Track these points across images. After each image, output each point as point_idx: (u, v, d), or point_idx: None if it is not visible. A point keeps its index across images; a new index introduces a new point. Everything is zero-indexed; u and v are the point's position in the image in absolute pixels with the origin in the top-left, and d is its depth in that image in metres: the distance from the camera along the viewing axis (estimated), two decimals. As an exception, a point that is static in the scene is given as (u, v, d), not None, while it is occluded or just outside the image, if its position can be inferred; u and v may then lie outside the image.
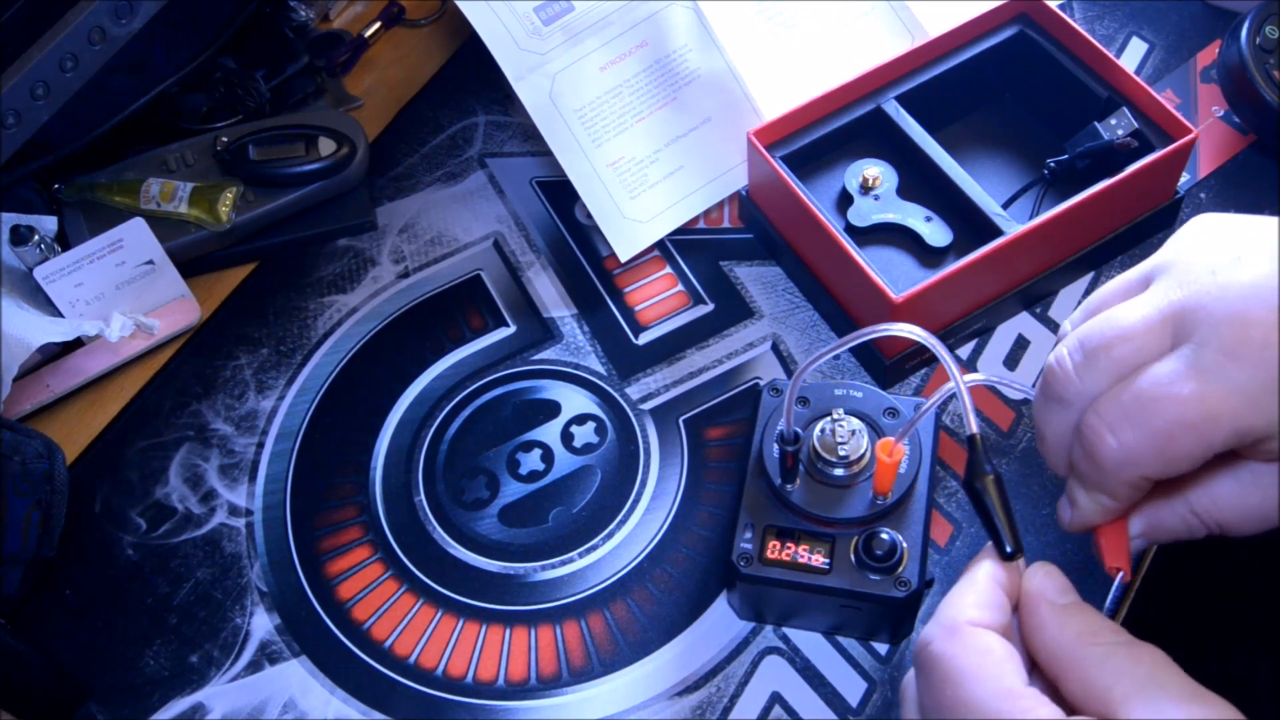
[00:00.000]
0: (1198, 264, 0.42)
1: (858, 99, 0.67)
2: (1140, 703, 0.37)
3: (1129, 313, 0.42)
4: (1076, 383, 0.43)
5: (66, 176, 0.70)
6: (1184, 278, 0.42)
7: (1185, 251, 0.43)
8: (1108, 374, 0.42)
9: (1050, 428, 0.45)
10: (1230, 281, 0.40)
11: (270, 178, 0.70)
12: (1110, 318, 0.43)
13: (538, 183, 0.73)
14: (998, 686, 0.39)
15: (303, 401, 0.66)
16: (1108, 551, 0.46)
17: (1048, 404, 0.44)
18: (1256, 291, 0.40)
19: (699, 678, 0.55)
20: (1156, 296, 0.42)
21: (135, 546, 0.61)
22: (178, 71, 0.71)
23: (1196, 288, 0.41)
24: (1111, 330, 0.42)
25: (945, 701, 0.39)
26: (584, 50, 0.69)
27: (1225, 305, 0.40)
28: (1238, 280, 0.40)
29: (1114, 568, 0.46)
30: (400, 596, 0.59)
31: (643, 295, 0.68)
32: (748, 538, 0.52)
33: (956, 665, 0.40)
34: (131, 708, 0.56)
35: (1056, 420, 0.44)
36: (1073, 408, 0.43)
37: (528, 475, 0.62)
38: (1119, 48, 0.74)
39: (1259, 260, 0.41)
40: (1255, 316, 0.39)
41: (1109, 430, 0.41)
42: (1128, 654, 0.39)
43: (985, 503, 0.44)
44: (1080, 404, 0.43)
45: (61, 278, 0.65)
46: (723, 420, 0.63)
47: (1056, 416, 0.44)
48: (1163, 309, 0.41)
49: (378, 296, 0.69)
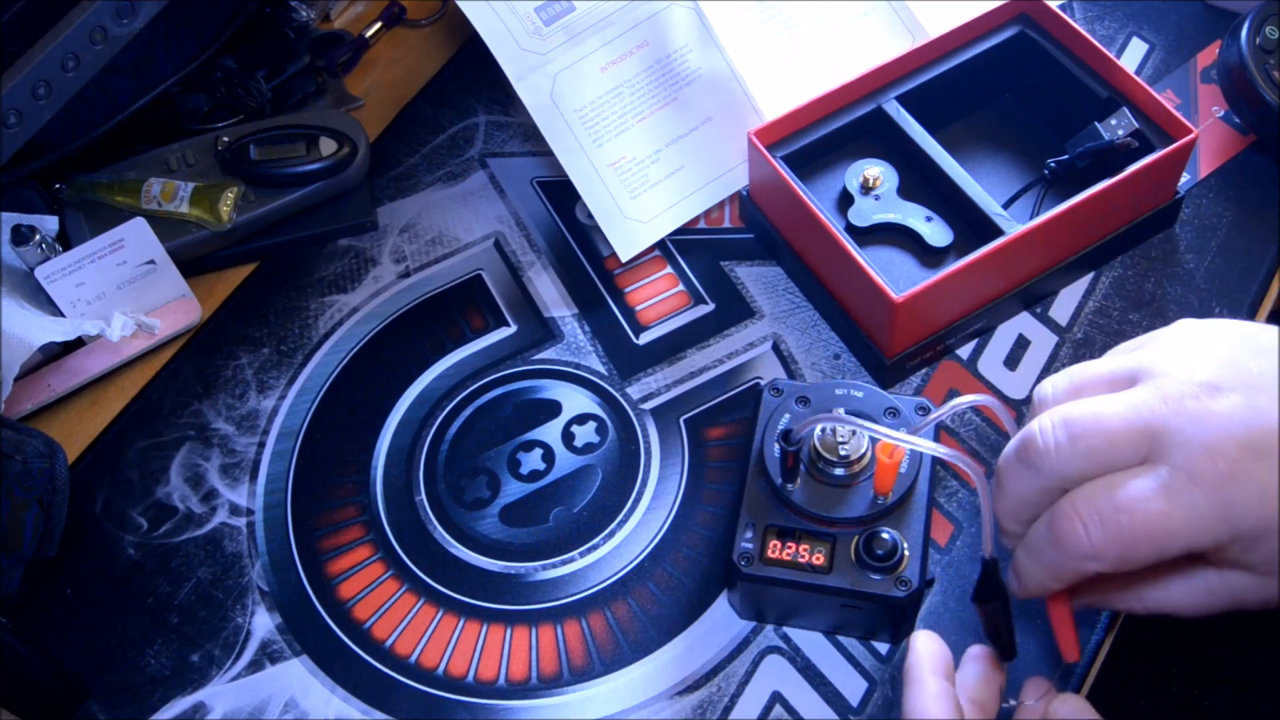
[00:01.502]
0: (1179, 382, 0.45)
1: (858, 99, 0.67)
2: None
3: (1113, 411, 0.45)
4: (1054, 460, 0.46)
5: (68, 176, 0.70)
6: (1166, 393, 0.45)
7: (1169, 363, 0.46)
8: (1084, 461, 0.45)
9: (1015, 486, 0.48)
10: (1206, 411, 0.44)
11: (271, 178, 0.70)
12: (1097, 412, 0.46)
13: (538, 183, 0.74)
14: None
15: (304, 401, 0.66)
16: (1062, 638, 0.51)
17: (1019, 466, 0.47)
18: (1229, 426, 0.43)
19: (700, 677, 0.55)
20: (1139, 405, 0.45)
21: (136, 546, 0.61)
22: (179, 71, 0.71)
23: (1176, 409, 0.44)
24: (1096, 424, 0.45)
25: None
26: (585, 50, 0.69)
27: (1200, 435, 0.43)
28: (1214, 411, 0.44)
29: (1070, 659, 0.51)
30: (401, 596, 0.59)
31: (643, 295, 0.68)
32: (749, 537, 0.52)
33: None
34: (132, 707, 0.56)
35: (1024, 483, 0.47)
36: (1042, 476, 0.47)
37: (529, 475, 0.62)
38: (1119, 48, 0.74)
39: (1233, 392, 0.44)
40: (1223, 450, 0.43)
41: (1082, 525, 0.45)
42: None
43: (994, 621, 0.50)
44: (1050, 477, 0.46)
45: (63, 277, 0.65)
46: (723, 420, 0.63)
47: (1025, 480, 0.47)
48: (1145, 419, 0.45)
49: (379, 296, 0.69)
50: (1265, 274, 0.65)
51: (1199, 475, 0.43)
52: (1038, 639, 0.54)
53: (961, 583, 0.56)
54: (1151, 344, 0.48)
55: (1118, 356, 0.49)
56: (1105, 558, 0.45)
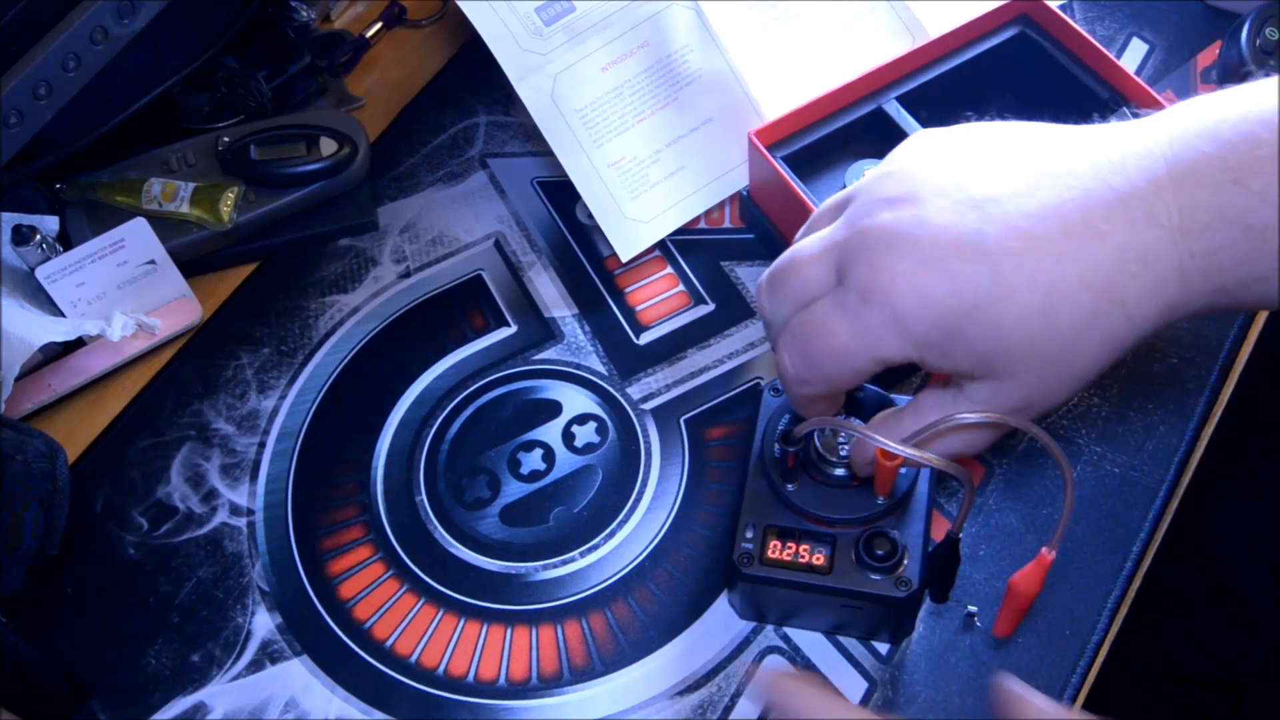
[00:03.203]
0: (863, 203, 0.46)
1: (859, 99, 0.67)
2: None
3: (806, 248, 0.47)
4: (765, 306, 0.49)
5: (68, 176, 0.70)
6: (852, 216, 0.46)
7: (865, 185, 0.47)
8: (788, 302, 0.47)
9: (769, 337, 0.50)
10: (875, 227, 0.44)
11: (272, 177, 0.70)
12: (793, 252, 0.48)
13: (539, 183, 0.74)
14: None
15: (304, 401, 0.66)
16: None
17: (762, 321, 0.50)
18: (890, 238, 0.44)
19: (700, 677, 0.55)
20: (828, 235, 0.47)
21: (137, 546, 0.61)
22: (180, 71, 0.71)
23: (853, 230, 0.45)
24: (789, 265, 0.47)
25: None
26: (585, 50, 0.70)
27: (866, 251, 0.44)
28: (881, 225, 0.44)
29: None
30: (401, 596, 0.59)
31: (644, 295, 0.68)
32: (749, 537, 0.52)
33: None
34: (133, 707, 0.56)
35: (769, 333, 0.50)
36: (766, 325, 0.49)
37: (529, 475, 0.62)
38: (1119, 48, 0.75)
39: (906, 204, 0.44)
40: (886, 263, 0.43)
41: (787, 355, 0.47)
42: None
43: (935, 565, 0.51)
44: (772, 324, 0.49)
45: (63, 277, 0.65)
46: (724, 420, 0.63)
47: (768, 331, 0.50)
48: (827, 245, 0.46)
49: (379, 296, 0.69)
50: (1265, 274, 0.65)
51: (867, 290, 0.44)
52: (1038, 639, 0.54)
53: (961, 582, 0.56)
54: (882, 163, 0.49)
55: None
56: (812, 380, 0.47)
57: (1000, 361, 0.43)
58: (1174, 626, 0.76)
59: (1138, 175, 0.43)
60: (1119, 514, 0.58)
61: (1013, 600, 0.52)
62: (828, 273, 0.46)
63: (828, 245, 0.46)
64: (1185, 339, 0.63)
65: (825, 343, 0.45)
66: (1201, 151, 0.42)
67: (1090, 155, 0.44)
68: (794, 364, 0.47)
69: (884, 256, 0.44)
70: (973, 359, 0.44)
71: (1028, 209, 0.43)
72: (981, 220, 0.43)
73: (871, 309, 0.44)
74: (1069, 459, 0.59)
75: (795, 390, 0.49)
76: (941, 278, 0.43)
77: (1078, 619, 0.55)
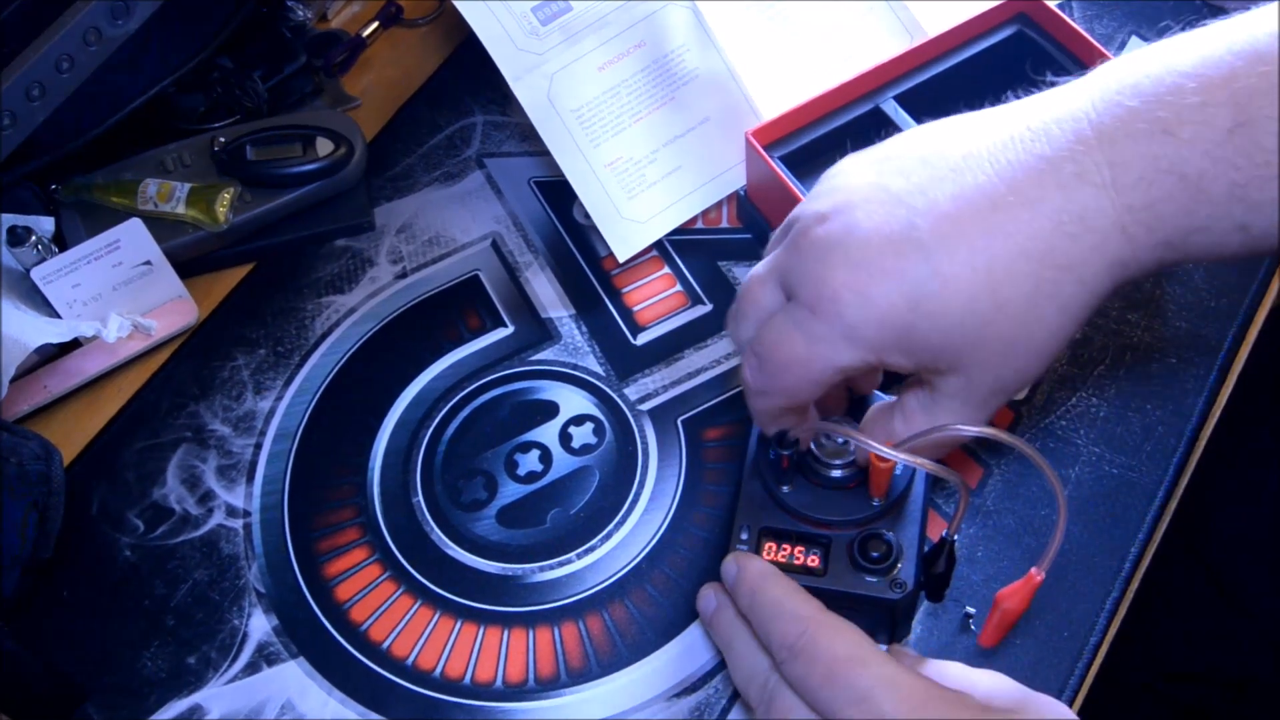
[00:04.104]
0: (802, 223, 0.47)
1: (856, 99, 0.67)
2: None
3: (757, 271, 0.49)
4: (732, 327, 0.51)
5: (63, 177, 0.70)
6: (794, 234, 0.47)
7: (803, 207, 0.48)
8: (750, 322, 0.49)
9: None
10: (811, 242, 0.46)
11: (268, 178, 0.70)
12: (749, 276, 0.50)
13: (536, 183, 0.73)
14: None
15: (300, 402, 0.66)
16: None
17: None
18: (825, 250, 0.45)
19: (697, 679, 0.55)
20: (775, 256, 0.48)
21: (133, 548, 0.61)
22: (175, 72, 0.71)
23: (793, 248, 0.47)
24: (745, 288, 0.50)
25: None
26: (582, 50, 0.69)
27: (805, 265, 0.45)
28: (816, 238, 0.45)
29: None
30: (398, 598, 0.59)
31: (641, 295, 0.68)
32: (744, 539, 0.52)
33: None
34: (128, 709, 0.56)
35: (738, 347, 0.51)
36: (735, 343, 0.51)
37: (526, 476, 0.62)
38: (1118, 47, 0.74)
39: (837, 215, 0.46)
40: (824, 275, 0.45)
41: (749, 369, 0.49)
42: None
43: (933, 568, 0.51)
44: (738, 342, 0.51)
45: (59, 278, 0.65)
46: (721, 421, 0.63)
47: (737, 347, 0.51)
48: (771, 267, 0.48)
49: (375, 297, 0.69)
50: (1264, 273, 0.65)
51: (814, 304, 0.45)
52: (1036, 640, 0.54)
53: (957, 582, 0.56)
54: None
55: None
56: (771, 392, 0.48)
57: (958, 350, 0.44)
58: (1173, 626, 0.75)
59: (1062, 139, 0.43)
60: (1118, 514, 0.57)
61: (998, 615, 0.52)
62: (775, 292, 0.48)
63: (771, 267, 0.48)
64: (1184, 339, 0.63)
65: (782, 355, 0.47)
66: (1126, 106, 0.42)
67: (1012, 128, 0.44)
68: (754, 377, 0.48)
69: (822, 269, 0.45)
70: (932, 353, 0.44)
71: (953, 192, 0.43)
72: (910, 214, 0.43)
73: (820, 321, 0.45)
74: (1068, 459, 0.59)
75: (756, 404, 0.50)
76: (880, 278, 0.43)
77: (1076, 620, 0.55)
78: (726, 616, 0.51)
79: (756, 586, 0.49)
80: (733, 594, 0.51)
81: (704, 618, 0.53)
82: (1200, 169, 0.41)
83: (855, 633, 0.46)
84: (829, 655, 0.45)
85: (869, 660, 0.44)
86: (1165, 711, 0.74)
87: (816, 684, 0.45)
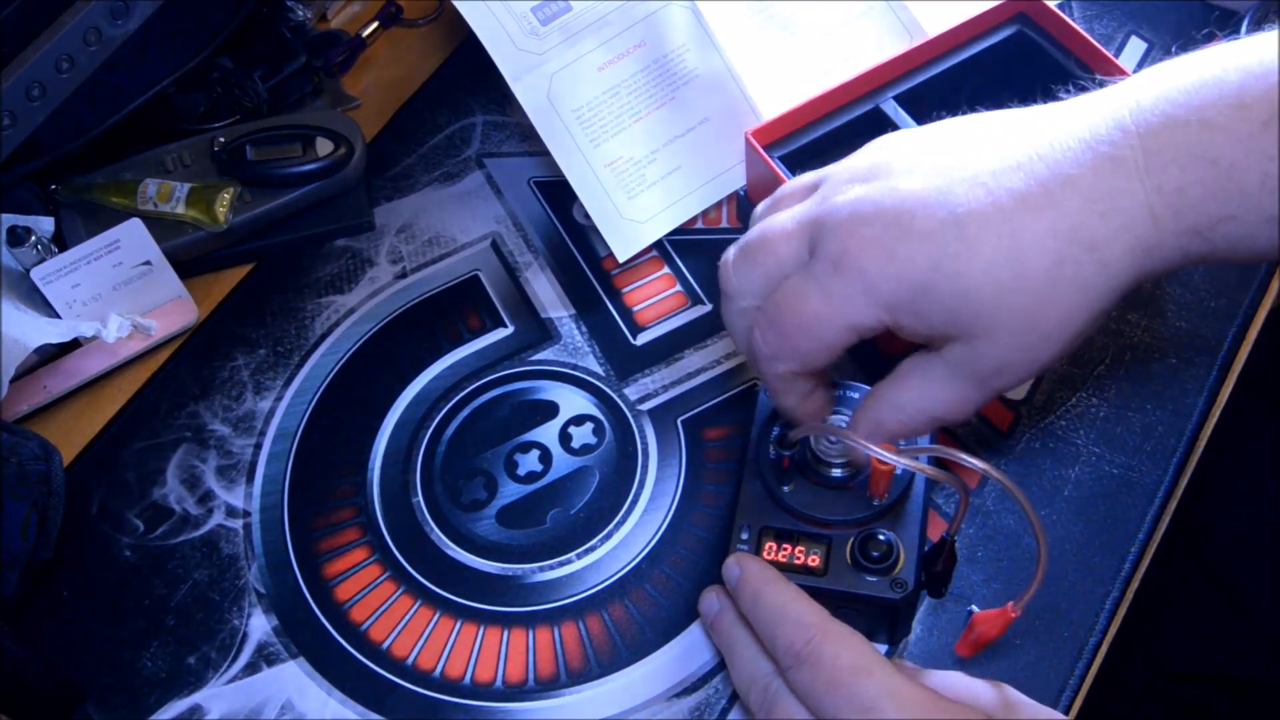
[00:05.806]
0: (835, 181, 0.47)
1: (856, 99, 0.67)
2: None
3: (779, 222, 0.48)
4: (733, 280, 0.49)
5: (63, 177, 0.70)
6: (827, 191, 0.47)
7: (839, 165, 0.48)
8: (759, 274, 0.48)
9: (726, 318, 0.51)
10: (845, 200, 0.46)
11: (267, 178, 0.70)
12: (765, 226, 0.48)
13: (535, 183, 0.73)
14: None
15: (300, 402, 0.66)
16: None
17: (722, 296, 0.50)
18: (859, 207, 0.45)
19: (697, 679, 0.55)
20: (801, 210, 0.48)
21: (132, 548, 0.61)
22: (175, 72, 0.71)
23: (825, 205, 0.46)
24: (761, 238, 0.48)
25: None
26: (582, 50, 0.69)
27: (835, 221, 0.45)
28: (850, 197, 0.45)
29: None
30: (398, 598, 0.59)
31: (641, 295, 0.68)
32: (744, 539, 0.52)
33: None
34: (128, 710, 0.56)
35: (728, 311, 0.50)
36: (734, 301, 0.49)
37: (525, 476, 0.62)
38: (1118, 47, 0.74)
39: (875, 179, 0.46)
40: (855, 231, 0.45)
41: (760, 330, 0.48)
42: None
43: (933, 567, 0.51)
44: (738, 299, 0.49)
45: (59, 278, 0.65)
46: (721, 421, 0.63)
47: (727, 307, 0.50)
48: (801, 221, 0.47)
49: (375, 297, 0.69)
50: (1264, 273, 0.65)
51: (838, 259, 0.45)
52: (1036, 640, 0.54)
53: (958, 582, 0.56)
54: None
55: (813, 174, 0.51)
56: (784, 356, 0.48)
57: (972, 315, 0.44)
58: (1173, 626, 0.75)
59: (1103, 125, 0.44)
60: (1117, 514, 0.57)
61: (974, 635, 0.52)
62: (800, 247, 0.47)
63: (802, 221, 0.47)
64: (1184, 339, 0.63)
65: (797, 314, 0.46)
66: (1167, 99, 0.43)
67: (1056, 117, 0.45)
68: (766, 340, 0.48)
69: (855, 226, 0.45)
70: (944, 315, 0.44)
71: (993, 167, 0.44)
72: (948, 182, 0.44)
73: (842, 276, 0.45)
74: (1068, 459, 0.59)
75: (767, 368, 0.49)
76: (908, 238, 0.43)
77: (1076, 620, 0.55)
78: (728, 620, 0.51)
79: (759, 589, 0.49)
80: (734, 595, 0.51)
81: (706, 620, 0.53)
82: (1233, 158, 0.41)
83: (860, 642, 0.46)
84: (834, 663, 0.45)
85: (874, 670, 0.45)
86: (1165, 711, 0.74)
87: (821, 692, 0.45)
